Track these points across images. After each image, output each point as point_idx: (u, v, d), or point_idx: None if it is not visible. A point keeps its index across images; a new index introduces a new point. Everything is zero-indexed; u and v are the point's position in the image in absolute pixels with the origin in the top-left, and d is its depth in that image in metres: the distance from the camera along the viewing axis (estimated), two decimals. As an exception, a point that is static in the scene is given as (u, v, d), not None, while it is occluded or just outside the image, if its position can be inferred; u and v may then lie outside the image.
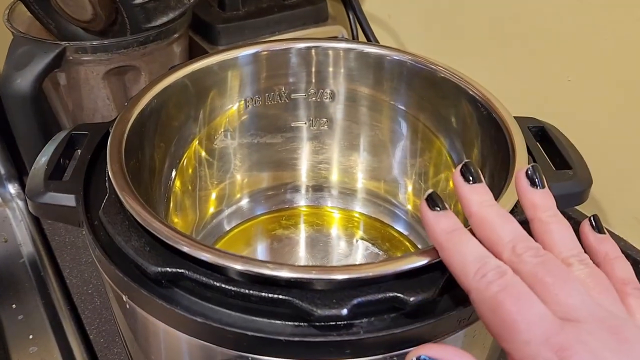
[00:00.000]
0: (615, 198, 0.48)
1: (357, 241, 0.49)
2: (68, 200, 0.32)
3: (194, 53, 0.63)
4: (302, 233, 0.49)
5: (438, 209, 0.26)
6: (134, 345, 0.33)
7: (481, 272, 0.23)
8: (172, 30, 0.56)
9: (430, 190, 0.27)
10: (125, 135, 0.34)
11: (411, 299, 0.25)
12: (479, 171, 0.27)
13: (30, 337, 0.51)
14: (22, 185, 0.67)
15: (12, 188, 0.67)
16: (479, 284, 0.23)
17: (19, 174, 0.68)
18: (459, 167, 0.27)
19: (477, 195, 0.26)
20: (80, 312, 0.52)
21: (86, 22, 0.55)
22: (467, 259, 0.24)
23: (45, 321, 0.53)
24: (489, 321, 0.22)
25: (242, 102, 0.45)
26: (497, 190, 0.32)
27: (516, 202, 0.30)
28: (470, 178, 0.27)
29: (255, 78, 0.44)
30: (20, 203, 0.66)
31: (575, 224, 0.51)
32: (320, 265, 0.42)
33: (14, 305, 0.54)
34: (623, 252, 0.47)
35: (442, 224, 0.25)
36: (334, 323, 0.25)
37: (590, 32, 0.46)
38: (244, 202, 0.50)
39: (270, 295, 0.25)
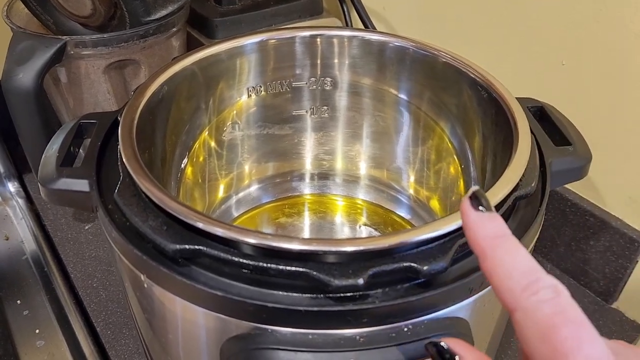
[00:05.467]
0: (609, 178, 0.50)
1: (360, 227, 0.50)
2: (81, 185, 0.32)
3: (191, 47, 0.63)
4: (307, 220, 0.50)
5: (483, 209, 0.22)
6: (149, 328, 0.34)
7: (532, 289, 0.19)
8: (170, 24, 0.56)
9: (475, 187, 0.23)
10: (136, 121, 0.34)
11: (424, 268, 0.26)
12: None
13: (37, 331, 0.52)
14: (22, 184, 0.67)
15: (12, 186, 0.67)
16: (528, 302, 0.19)
17: (19, 172, 0.68)
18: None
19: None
20: (86, 306, 0.52)
21: (85, 17, 0.55)
22: (514, 271, 0.20)
23: (51, 315, 0.53)
24: (535, 349, 0.18)
25: (246, 91, 0.46)
26: (501, 169, 0.33)
27: (521, 177, 0.31)
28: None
29: (260, 66, 0.45)
30: (21, 201, 0.66)
31: (573, 206, 0.53)
32: (337, 239, 0.42)
33: (18, 301, 0.55)
34: (619, 231, 0.49)
35: (488, 228, 0.21)
36: (350, 294, 0.26)
37: (584, 17, 0.47)
38: (251, 190, 0.50)
39: (287, 268, 0.26)
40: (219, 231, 0.26)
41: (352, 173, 0.52)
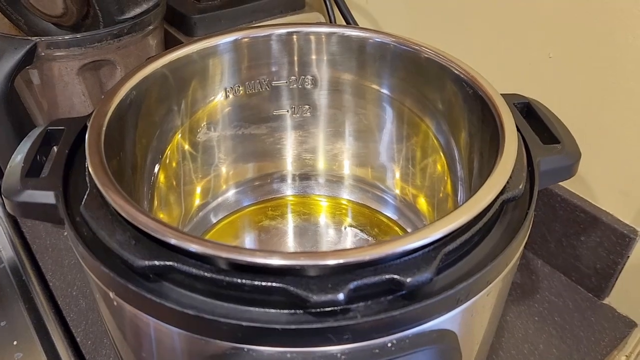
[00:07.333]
0: (600, 172, 0.48)
1: (345, 228, 0.48)
2: (47, 197, 0.31)
3: (169, 45, 0.62)
4: (291, 223, 0.49)
5: None
6: (124, 345, 0.32)
7: None
8: (146, 22, 0.54)
9: None
10: (104, 128, 0.32)
11: (408, 280, 0.24)
12: None
13: (15, 343, 0.50)
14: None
15: (-12, 193, 0.65)
16: None
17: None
18: None
19: None
20: (66, 315, 0.51)
21: (57, 17, 0.54)
22: None
23: (29, 326, 0.51)
24: None
25: (223, 92, 0.44)
26: (487, 170, 0.32)
27: (508, 180, 0.29)
28: None
29: (236, 66, 0.43)
30: (-2, 208, 0.64)
31: (563, 201, 0.52)
32: (313, 251, 0.41)
33: (-5, 312, 0.53)
34: (610, 226, 0.48)
35: None
36: (330, 309, 0.24)
37: (571, 6, 0.45)
38: (230, 194, 0.49)
39: (263, 283, 0.24)
40: (193, 247, 0.25)
41: (336, 173, 0.50)
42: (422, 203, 0.46)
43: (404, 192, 0.48)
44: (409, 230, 0.47)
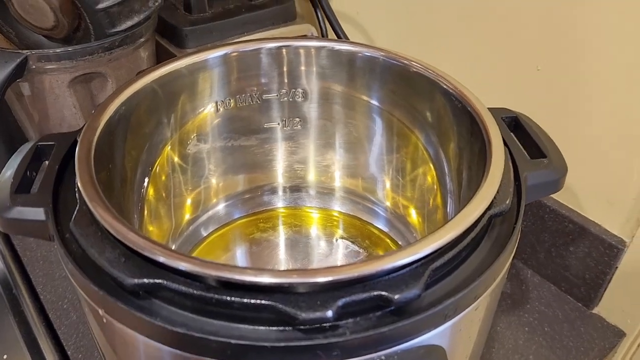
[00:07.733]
0: (588, 183, 0.49)
1: (337, 240, 0.48)
2: (37, 214, 0.31)
3: (161, 57, 0.62)
4: (282, 235, 0.49)
5: None
6: (114, 361, 0.32)
7: None
8: (137, 35, 0.54)
9: None
10: (94, 144, 0.32)
11: (396, 296, 0.25)
12: None
13: (5, 357, 0.50)
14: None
15: (-22, 204, 0.65)
16: None
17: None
18: None
19: None
20: (57, 328, 0.51)
21: (48, 29, 0.53)
22: None
23: (19, 339, 0.51)
24: None
25: (214, 105, 0.44)
26: (475, 182, 0.32)
27: (495, 195, 0.30)
28: None
29: (226, 80, 0.43)
30: (-12, 219, 0.63)
31: (552, 212, 0.52)
32: (302, 269, 0.41)
33: (-15, 325, 0.53)
34: (598, 237, 0.48)
35: None
36: (319, 325, 0.25)
37: (557, 20, 0.46)
38: (221, 206, 0.49)
39: (252, 301, 0.25)
40: (182, 265, 0.25)
41: (326, 184, 0.51)
42: (412, 214, 0.47)
43: (394, 204, 0.48)
44: (399, 242, 0.47)
